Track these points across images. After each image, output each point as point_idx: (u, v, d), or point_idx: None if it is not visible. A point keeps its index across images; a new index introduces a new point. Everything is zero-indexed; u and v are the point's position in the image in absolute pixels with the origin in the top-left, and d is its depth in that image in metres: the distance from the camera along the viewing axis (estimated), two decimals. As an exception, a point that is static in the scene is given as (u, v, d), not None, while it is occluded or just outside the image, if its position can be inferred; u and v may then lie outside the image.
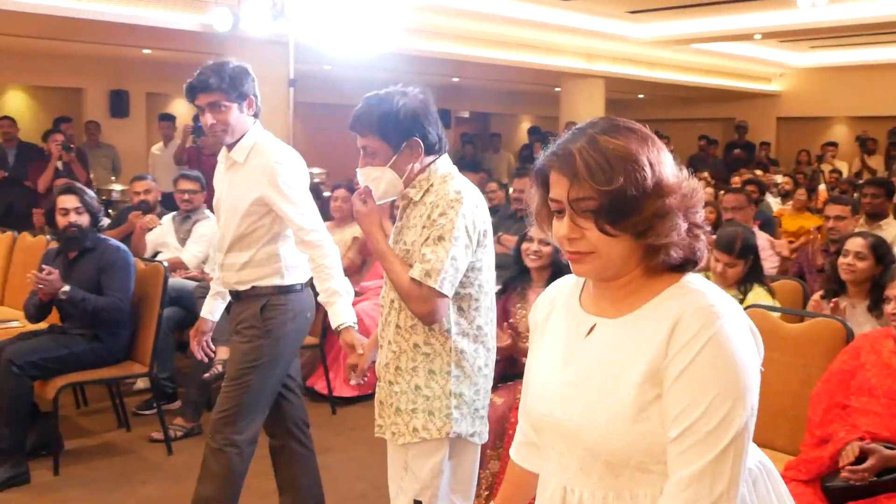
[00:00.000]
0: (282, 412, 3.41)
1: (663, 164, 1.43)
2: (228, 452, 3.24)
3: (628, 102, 17.29)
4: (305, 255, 3.13)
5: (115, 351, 4.52)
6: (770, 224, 7.08)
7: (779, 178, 10.69)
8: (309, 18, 8.31)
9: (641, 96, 17.05)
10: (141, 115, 12.05)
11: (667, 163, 1.44)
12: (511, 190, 7.35)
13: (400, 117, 2.44)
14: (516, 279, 3.99)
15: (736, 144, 15.01)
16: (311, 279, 3.18)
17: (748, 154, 14.55)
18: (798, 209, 8.33)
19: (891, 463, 2.70)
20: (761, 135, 15.82)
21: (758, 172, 11.47)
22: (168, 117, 9.91)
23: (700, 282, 1.46)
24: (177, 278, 5.52)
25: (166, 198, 6.82)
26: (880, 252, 3.88)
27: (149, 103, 12.12)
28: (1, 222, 7.71)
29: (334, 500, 4.00)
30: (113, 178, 9.63)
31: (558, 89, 13.52)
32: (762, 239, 5.74)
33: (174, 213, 6.14)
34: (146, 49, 10.56)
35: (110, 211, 7.68)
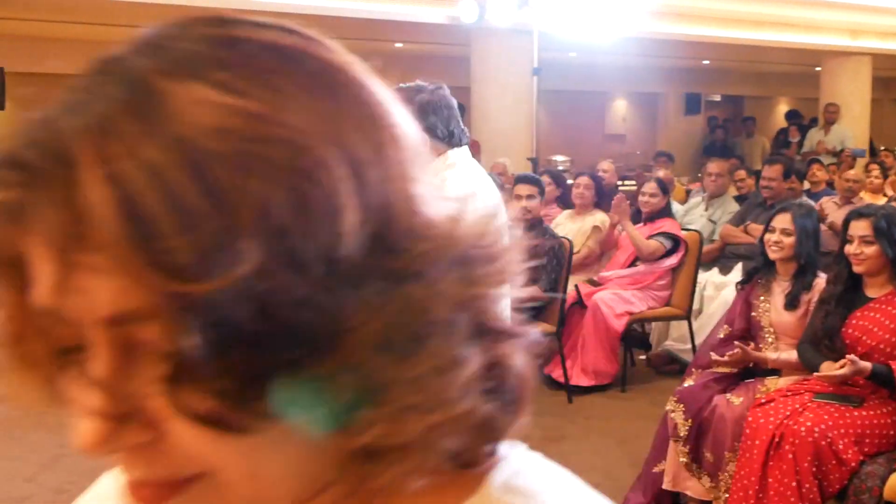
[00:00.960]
0: None
1: None
2: None
3: (900, 80, 15.90)
4: None
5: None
6: None
7: None
8: (553, 6, 8.31)
9: (916, 73, 15.62)
10: (393, 108, 12.59)
11: None
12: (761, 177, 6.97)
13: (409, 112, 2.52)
14: (760, 270, 3.79)
15: None
16: None
17: None
18: None
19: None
20: None
21: None
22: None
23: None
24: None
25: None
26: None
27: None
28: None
29: (567, 490, 3.99)
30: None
31: (818, 69, 12.67)
32: None
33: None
34: (398, 43, 11.00)
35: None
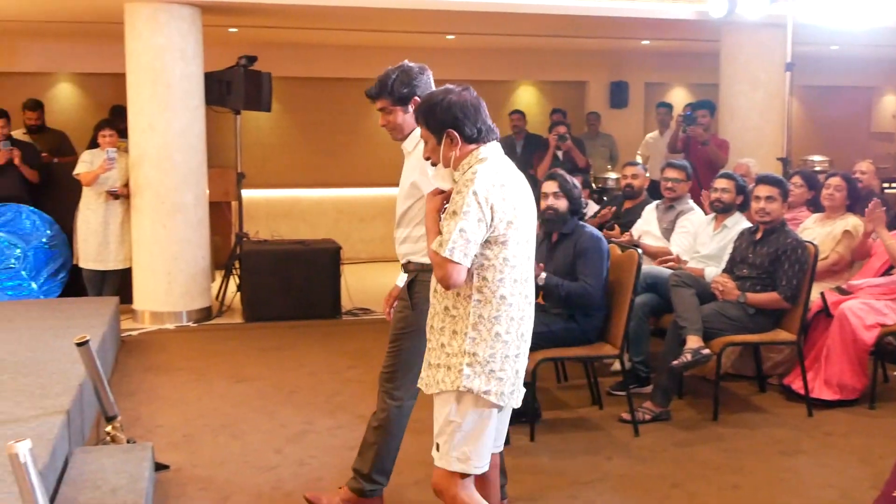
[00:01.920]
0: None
1: None
2: (388, 405, 3.64)
3: None
4: None
5: (589, 331, 4.78)
6: None
7: None
8: (811, -3, 7.87)
9: None
10: (639, 105, 12.40)
11: None
12: None
13: (437, 112, 2.84)
14: None
15: None
16: None
17: None
18: None
19: None
20: None
21: None
22: (665, 105, 10.12)
23: None
24: (653, 266, 5.63)
25: (654, 185, 6.98)
26: None
27: (647, 93, 12.42)
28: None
29: (796, 507, 3.83)
30: (609, 167, 10.08)
31: None
32: None
33: (658, 202, 6.25)
34: (645, 40, 10.83)
35: (604, 198, 8.09)
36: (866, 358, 5.25)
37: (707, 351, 4.88)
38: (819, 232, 5.80)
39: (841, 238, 5.73)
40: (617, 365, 5.83)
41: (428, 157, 2.95)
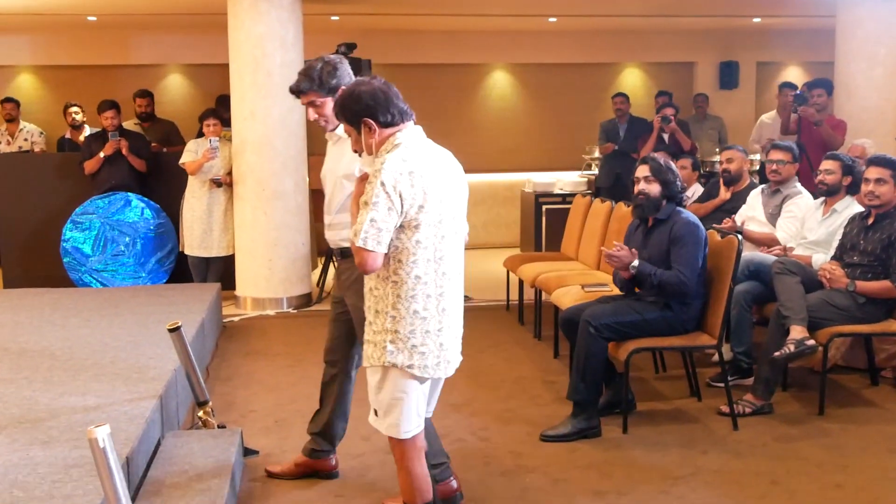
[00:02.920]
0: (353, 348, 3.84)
1: None
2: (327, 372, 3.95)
3: None
4: None
5: (686, 321, 4.60)
6: None
7: None
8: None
9: None
10: (750, 86, 11.94)
11: None
12: None
13: (350, 104, 3.04)
14: None
15: None
16: None
17: None
18: None
19: None
20: None
21: None
22: (790, 85, 9.64)
23: None
24: (756, 252, 5.39)
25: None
26: None
27: (759, 72, 11.95)
28: (610, 193, 8.37)
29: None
30: (717, 150, 9.73)
31: None
32: None
33: (763, 186, 5.98)
34: (756, 17, 10.41)
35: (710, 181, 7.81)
36: None
37: (812, 342, 4.64)
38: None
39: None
40: (716, 355, 5.62)
41: (355, 150, 3.14)
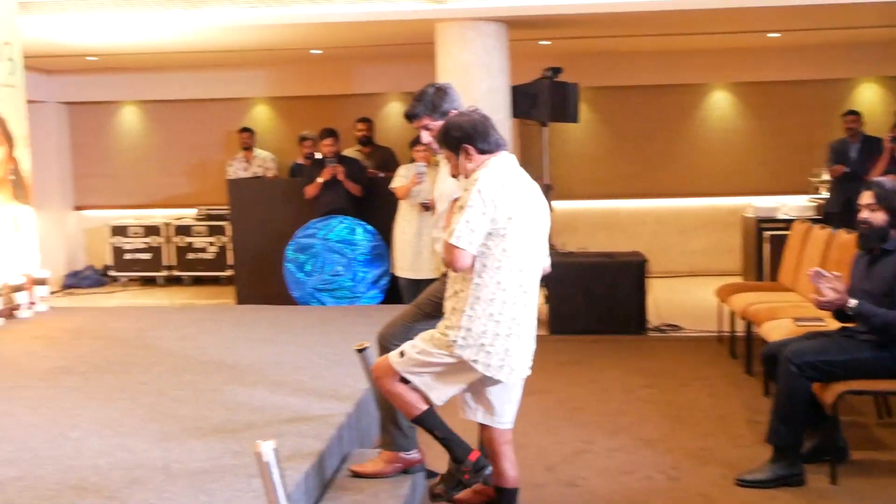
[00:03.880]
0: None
1: None
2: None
3: None
4: None
5: (904, 362, 4.15)
6: None
7: None
8: None
9: None
10: None
11: None
12: None
13: (452, 132, 3.37)
14: None
15: None
16: None
17: None
18: None
19: None
20: None
21: None
22: None
23: None
24: None
25: None
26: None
27: None
28: (840, 219, 7.77)
29: None
30: (968, 172, 8.82)
31: None
32: None
33: None
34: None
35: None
36: None
37: None
38: None
39: None
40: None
41: (453, 174, 3.47)
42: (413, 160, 7.99)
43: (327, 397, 4.49)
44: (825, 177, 9.22)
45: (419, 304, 3.94)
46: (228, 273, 10.17)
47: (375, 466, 3.82)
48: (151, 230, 10.96)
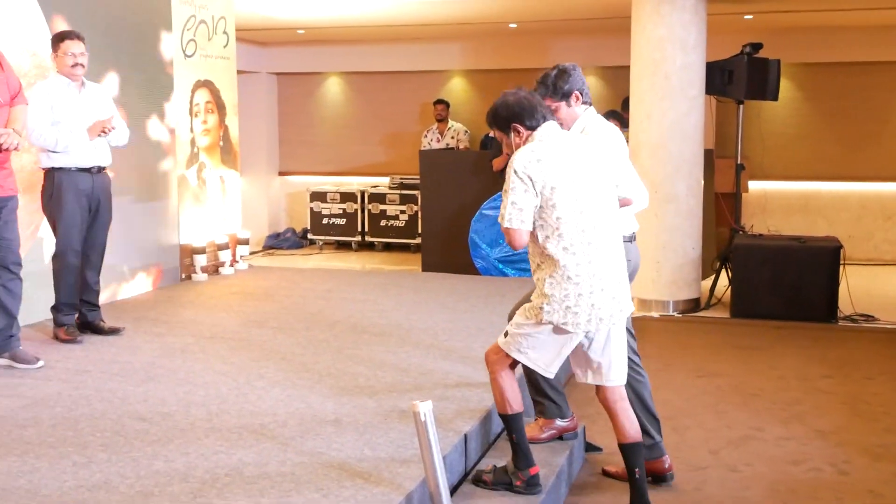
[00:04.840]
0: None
1: None
2: None
3: None
4: None
5: None
6: None
7: None
8: None
9: None
10: None
11: None
12: None
13: (501, 112, 3.43)
14: None
15: None
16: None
17: None
18: None
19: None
20: None
21: None
22: None
23: None
24: None
25: None
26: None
27: None
28: None
29: None
30: None
31: None
32: None
33: None
34: None
35: None
36: None
37: None
38: None
39: None
40: None
41: (507, 153, 3.50)
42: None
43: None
44: None
45: None
46: (418, 241, 10.51)
47: (531, 432, 3.92)
48: (347, 196, 11.47)
